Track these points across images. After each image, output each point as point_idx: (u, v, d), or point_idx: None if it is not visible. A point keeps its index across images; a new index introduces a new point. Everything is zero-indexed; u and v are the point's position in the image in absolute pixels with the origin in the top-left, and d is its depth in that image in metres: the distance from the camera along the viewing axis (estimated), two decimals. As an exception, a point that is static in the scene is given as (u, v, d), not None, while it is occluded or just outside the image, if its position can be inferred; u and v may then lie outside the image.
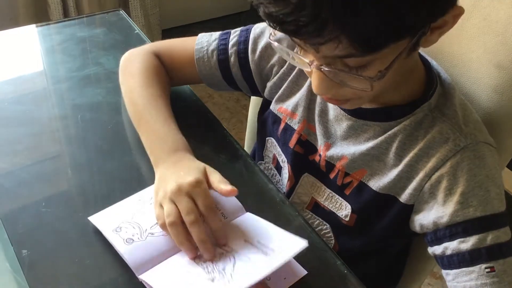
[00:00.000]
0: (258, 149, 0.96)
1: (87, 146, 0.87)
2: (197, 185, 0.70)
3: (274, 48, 0.71)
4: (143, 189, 0.77)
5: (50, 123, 0.91)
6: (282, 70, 0.86)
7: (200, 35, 0.90)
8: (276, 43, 0.69)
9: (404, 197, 0.75)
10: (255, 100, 1.13)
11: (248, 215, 0.75)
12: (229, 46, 0.87)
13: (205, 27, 1.01)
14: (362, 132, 0.77)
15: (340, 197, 0.81)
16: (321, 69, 0.63)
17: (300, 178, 0.86)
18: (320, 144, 0.82)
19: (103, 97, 0.95)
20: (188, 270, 0.67)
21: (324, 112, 0.82)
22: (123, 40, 1.10)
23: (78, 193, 0.80)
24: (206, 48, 0.88)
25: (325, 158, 0.81)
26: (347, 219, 0.80)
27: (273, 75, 0.87)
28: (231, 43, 0.87)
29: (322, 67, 0.63)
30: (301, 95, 0.83)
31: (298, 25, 0.56)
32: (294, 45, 0.65)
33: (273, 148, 0.90)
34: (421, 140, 0.73)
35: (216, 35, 0.89)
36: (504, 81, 0.76)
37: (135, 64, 0.89)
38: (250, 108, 1.17)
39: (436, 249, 0.72)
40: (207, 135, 0.91)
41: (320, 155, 0.82)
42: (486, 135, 0.73)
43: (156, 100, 0.84)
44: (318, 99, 0.82)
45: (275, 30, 0.61)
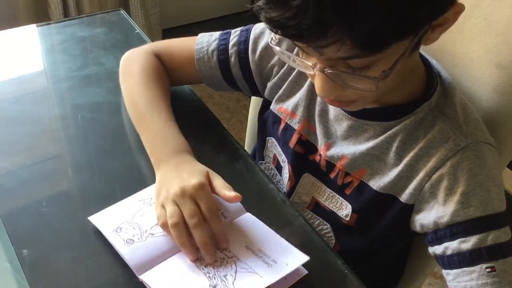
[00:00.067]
0: (259, 149, 0.96)
1: (88, 146, 0.87)
2: (201, 188, 0.70)
3: (276, 53, 0.70)
4: (143, 189, 0.77)
5: (51, 123, 0.90)
6: (283, 70, 0.86)
7: (200, 35, 0.90)
8: (278, 48, 0.69)
9: (405, 197, 0.75)
10: (256, 100, 1.13)
11: (248, 216, 0.75)
12: (229, 46, 0.87)
13: (206, 27, 1.01)
14: (363, 132, 0.77)
15: (341, 197, 0.81)
16: (325, 72, 0.63)
17: (301, 178, 0.86)
18: (321, 144, 0.82)
19: (104, 97, 0.95)
20: (189, 272, 0.67)
21: (325, 112, 0.82)
22: (124, 40, 1.10)
23: (79, 193, 0.80)
24: (206, 48, 0.88)
25: (326, 158, 0.81)
26: (348, 219, 0.80)
27: (274, 75, 0.87)
28: (231, 43, 0.87)
29: (326, 70, 0.63)
30: (301, 95, 0.83)
31: (301, 29, 0.56)
32: (295, 48, 0.65)
33: (274, 148, 0.90)
34: (422, 140, 0.73)
35: (216, 35, 0.89)
36: (505, 81, 0.76)
37: (135, 65, 0.89)
38: (251, 108, 1.17)
39: (437, 249, 0.72)
40: (208, 135, 0.91)
41: (321, 155, 0.82)
42: (487, 135, 0.73)
43: (157, 101, 0.84)
44: (318, 99, 0.82)
45: (276, 35, 0.61)
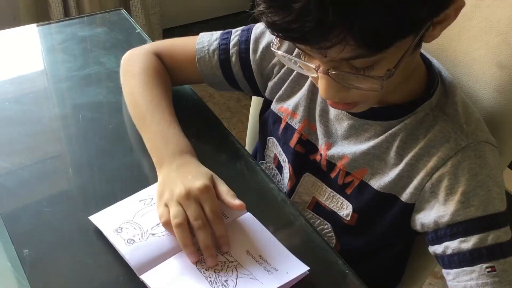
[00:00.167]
0: (260, 149, 0.96)
1: (88, 146, 0.87)
2: (206, 191, 0.70)
3: (278, 57, 0.70)
4: (144, 189, 0.77)
5: (51, 123, 0.90)
6: (283, 70, 0.85)
7: (201, 35, 0.90)
8: (280, 52, 0.69)
9: (405, 196, 0.74)
10: (256, 100, 1.13)
11: (249, 216, 0.75)
12: (230, 46, 0.87)
13: (206, 27, 1.01)
14: (363, 131, 0.77)
15: (341, 197, 0.81)
16: (328, 73, 0.63)
17: (301, 178, 0.86)
18: (321, 144, 0.82)
19: (104, 97, 0.95)
20: (190, 274, 0.67)
21: (325, 112, 0.81)
22: (124, 40, 1.10)
23: (79, 193, 0.80)
24: (207, 48, 0.88)
25: (326, 158, 0.81)
26: (348, 219, 0.80)
27: (274, 75, 0.87)
28: (232, 43, 0.87)
29: (329, 71, 0.63)
30: (302, 95, 0.83)
31: (304, 31, 0.56)
32: (295, 51, 0.65)
33: (274, 148, 0.90)
34: (422, 139, 0.73)
35: (217, 35, 0.89)
36: (506, 81, 0.76)
37: (136, 64, 0.89)
38: (251, 108, 1.17)
39: (437, 248, 0.72)
40: (208, 135, 0.91)
41: (321, 155, 0.82)
42: (488, 135, 0.73)
43: (158, 101, 0.84)
44: (319, 99, 0.82)
45: (277, 39, 0.61)
